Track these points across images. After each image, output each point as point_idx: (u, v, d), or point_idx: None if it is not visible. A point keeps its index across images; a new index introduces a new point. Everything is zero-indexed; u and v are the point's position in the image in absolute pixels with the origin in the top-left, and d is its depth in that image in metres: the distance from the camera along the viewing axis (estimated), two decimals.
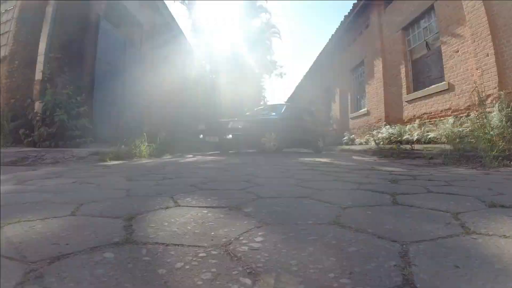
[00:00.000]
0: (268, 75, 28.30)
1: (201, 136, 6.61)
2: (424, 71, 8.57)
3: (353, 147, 10.03)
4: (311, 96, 19.59)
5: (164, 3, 10.63)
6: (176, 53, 11.74)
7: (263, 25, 17.76)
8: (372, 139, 10.26)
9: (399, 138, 8.17)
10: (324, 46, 14.99)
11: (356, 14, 11.49)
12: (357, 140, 11.63)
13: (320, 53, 15.84)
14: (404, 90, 9.08)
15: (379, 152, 6.93)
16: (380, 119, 10.20)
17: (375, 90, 10.56)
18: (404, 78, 9.05)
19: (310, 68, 18.43)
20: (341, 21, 12.62)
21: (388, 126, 9.36)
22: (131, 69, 7.97)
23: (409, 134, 7.97)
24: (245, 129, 5.70)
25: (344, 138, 12.09)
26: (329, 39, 14.12)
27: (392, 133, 8.81)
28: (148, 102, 8.99)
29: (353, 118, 12.78)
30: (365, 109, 11.54)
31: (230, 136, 5.65)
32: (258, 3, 16.41)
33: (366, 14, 11.17)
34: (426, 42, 8.32)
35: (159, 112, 9.67)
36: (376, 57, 10.31)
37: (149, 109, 9.05)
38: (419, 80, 8.78)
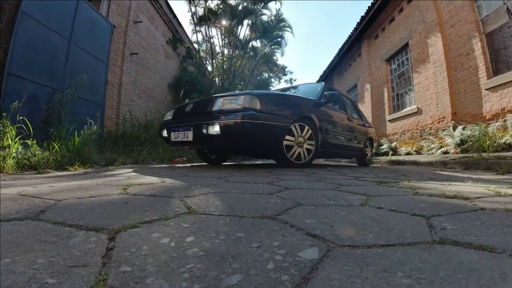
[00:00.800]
0: (276, 80, 25.94)
1: (164, 133, 3.43)
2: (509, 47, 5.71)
3: (404, 157, 7.10)
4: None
5: None
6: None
7: (273, 19, 15.22)
8: (434, 146, 7.37)
9: (491, 143, 5.27)
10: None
11: None
12: (402, 148, 8.69)
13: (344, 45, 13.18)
14: (482, 74, 6.18)
15: (465, 164, 4.18)
16: (442, 117, 7.29)
17: (431, 79, 7.68)
18: (481, 57, 6.16)
19: (330, 65, 15.73)
20: None
21: (460, 127, 6.46)
22: None
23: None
24: (253, 117, 2.77)
25: (383, 147, 9.19)
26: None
27: (471, 136, 5.91)
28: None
29: (392, 121, 9.87)
30: (413, 106, 8.64)
31: (217, 130, 2.74)
32: None
33: None
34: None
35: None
36: (431, 33, 7.48)
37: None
38: (500, 60, 5.91)
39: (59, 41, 4.78)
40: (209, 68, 15.10)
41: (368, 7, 9.81)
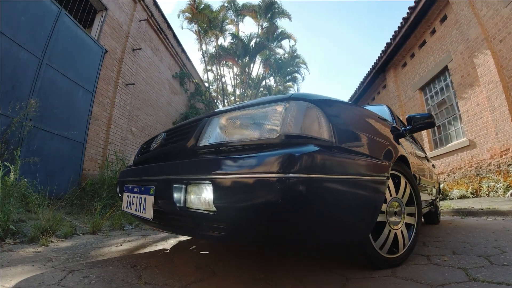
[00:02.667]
0: None
1: (119, 190, 1.96)
2: None
3: (472, 205, 5.46)
4: None
5: None
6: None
7: (287, 56, 14.63)
8: (499, 185, 5.73)
9: None
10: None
11: None
12: (454, 191, 7.03)
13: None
14: None
15: None
16: (505, 150, 5.75)
17: (484, 105, 6.26)
18: None
19: (350, 100, 14.63)
20: None
21: None
22: None
23: None
24: (318, 167, 0.98)
25: None
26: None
27: None
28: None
29: (435, 159, 8.27)
30: (463, 139, 7.14)
31: (209, 201, 1.04)
32: (279, 29, 13.44)
33: None
34: None
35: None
36: (478, 51, 6.23)
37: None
38: None
39: (26, 59, 3.78)
40: (220, 107, 14.32)
41: (395, 31, 8.86)
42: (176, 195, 1.16)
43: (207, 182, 1.03)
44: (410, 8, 7.86)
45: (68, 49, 4.49)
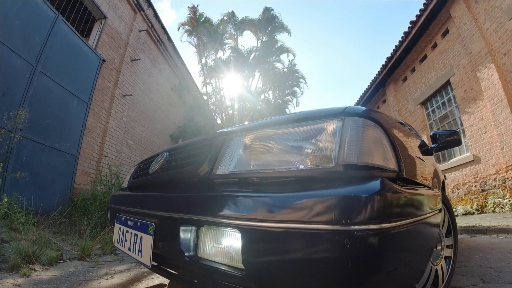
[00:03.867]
0: None
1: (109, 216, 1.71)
2: None
3: (480, 222, 5.26)
4: None
5: None
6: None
7: (286, 70, 14.59)
8: (505, 201, 5.56)
9: None
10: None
11: None
12: (459, 207, 6.84)
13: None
14: None
15: None
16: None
17: (489, 119, 6.15)
18: None
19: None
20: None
21: None
22: None
23: None
24: (395, 209, 0.71)
25: None
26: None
27: None
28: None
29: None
30: (467, 154, 6.99)
31: (235, 255, 0.79)
32: (278, 43, 13.44)
33: None
34: None
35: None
36: (481, 65, 6.16)
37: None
38: None
39: (19, 65, 3.57)
40: (218, 121, 14.10)
41: (396, 46, 8.83)
42: (184, 240, 0.91)
43: (232, 228, 0.78)
44: (411, 22, 7.85)
45: (64, 56, 4.31)
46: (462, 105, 7.02)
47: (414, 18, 7.71)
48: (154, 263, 1.10)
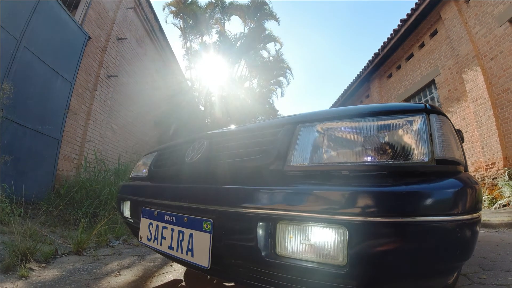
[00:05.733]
0: None
1: (126, 211, 1.55)
2: None
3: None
4: None
5: None
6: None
7: (272, 59, 14.41)
8: (485, 198, 5.90)
9: None
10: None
11: None
12: None
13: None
14: None
15: None
16: (491, 164, 5.93)
17: (471, 119, 6.45)
18: None
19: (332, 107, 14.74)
20: None
21: None
22: None
23: None
24: None
25: None
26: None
27: None
28: None
29: None
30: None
31: (339, 251, 0.73)
32: (266, 31, 13.19)
33: None
34: None
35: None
36: (468, 67, 6.41)
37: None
38: None
39: (3, 39, 3.16)
40: (201, 107, 13.71)
41: (384, 42, 8.97)
42: (260, 238, 0.83)
43: (333, 224, 0.72)
44: (401, 20, 7.99)
45: (49, 32, 3.90)
46: (445, 105, 7.31)
47: (404, 17, 7.84)
48: (213, 268, 0.98)
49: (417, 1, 7.25)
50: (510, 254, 2.44)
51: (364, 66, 10.61)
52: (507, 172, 5.48)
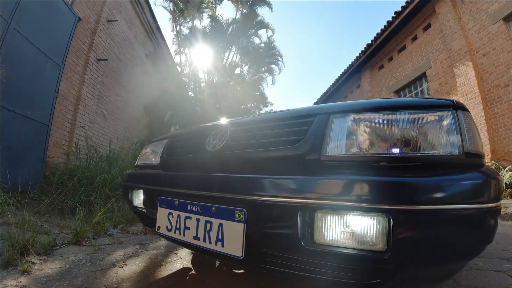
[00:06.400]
0: (257, 110, 24.57)
1: (137, 200, 1.57)
2: None
3: None
4: None
5: None
6: None
7: (264, 46, 14.21)
8: None
9: None
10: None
11: None
12: None
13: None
14: None
15: None
16: None
17: None
18: None
19: (323, 96, 14.82)
20: None
21: (508, 167, 5.32)
22: None
23: None
24: None
25: None
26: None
27: None
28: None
29: None
30: None
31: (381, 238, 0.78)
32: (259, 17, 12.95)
33: None
34: None
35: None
36: (460, 62, 6.53)
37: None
38: None
39: None
40: (190, 93, 13.44)
41: (377, 33, 8.99)
42: (301, 227, 0.84)
43: (374, 213, 0.76)
44: (396, 12, 8.00)
45: (39, 13, 3.66)
46: (435, 97, 7.45)
47: (399, 9, 7.86)
48: (247, 257, 0.96)
49: None
50: (501, 244, 2.59)
51: (356, 57, 10.64)
52: (494, 165, 5.69)
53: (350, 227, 0.80)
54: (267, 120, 1.19)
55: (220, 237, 1.01)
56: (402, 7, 7.73)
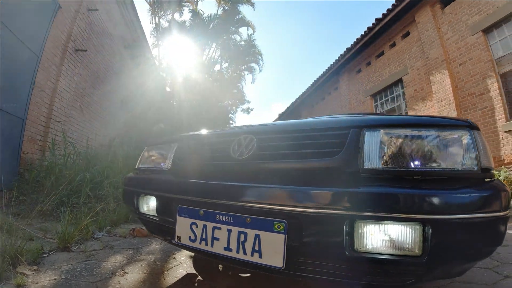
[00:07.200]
0: (234, 107, 24.35)
1: (146, 207, 1.49)
2: None
3: None
4: None
5: None
6: None
7: (244, 44, 14.15)
8: None
9: None
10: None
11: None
12: None
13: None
14: (499, 116, 5.61)
15: None
16: None
17: None
18: (498, 98, 5.62)
19: (301, 96, 15.01)
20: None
21: None
22: None
23: None
24: None
25: None
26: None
27: None
28: None
29: None
30: None
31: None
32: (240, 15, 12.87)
33: None
34: None
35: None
36: (436, 70, 6.91)
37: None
38: None
39: None
40: (167, 89, 13.05)
41: (357, 38, 9.25)
42: (343, 236, 0.88)
43: (413, 223, 0.84)
44: (376, 19, 8.27)
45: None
46: (410, 102, 7.84)
47: (380, 16, 8.14)
48: (288, 267, 0.95)
49: (394, 2, 7.55)
50: None
51: (336, 60, 10.89)
52: None
53: (389, 235, 0.87)
54: (297, 130, 1.19)
55: (257, 248, 0.99)
56: (383, 14, 8.01)
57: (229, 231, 1.06)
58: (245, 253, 1.01)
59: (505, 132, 5.49)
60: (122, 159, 4.83)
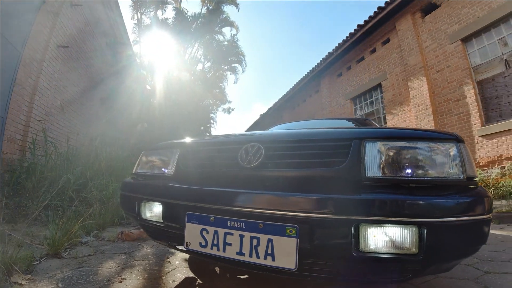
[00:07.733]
0: (215, 106, 24.09)
1: (149, 212, 1.48)
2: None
3: None
4: None
5: None
6: None
7: (227, 44, 14.10)
8: None
9: None
10: None
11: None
12: None
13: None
14: (475, 121, 6.00)
15: None
16: None
17: (411, 121, 7.37)
18: (474, 104, 6.00)
19: (283, 97, 15.20)
20: None
21: None
22: None
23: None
24: None
25: None
26: None
27: None
28: None
29: None
30: None
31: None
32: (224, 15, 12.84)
33: None
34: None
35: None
36: (414, 76, 7.27)
37: None
38: (491, 108, 5.86)
39: None
40: (148, 87, 12.78)
41: (339, 43, 9.53)
42: (350, 239, 0.98)
43: (411, 225, 0.96)
44: (358, 25, 8.54)
45: None
46: (388, 106, 8.18)
47: (362, 23, 8.43)
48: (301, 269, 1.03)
49: (376, 10, 7.85)
50: None
51: (318, 63, 11.14)
52: None
53: (390, 236, 0.97)
54: (302, 140, 1.26)
55: (270, 251, 1.05)
56: (365, 21, 8.29)
57: (242, 236, 1.11)
58: (258, 256, 1.07)
59: (481, 136, 5.86)
60: (104, 160, 4.73)
